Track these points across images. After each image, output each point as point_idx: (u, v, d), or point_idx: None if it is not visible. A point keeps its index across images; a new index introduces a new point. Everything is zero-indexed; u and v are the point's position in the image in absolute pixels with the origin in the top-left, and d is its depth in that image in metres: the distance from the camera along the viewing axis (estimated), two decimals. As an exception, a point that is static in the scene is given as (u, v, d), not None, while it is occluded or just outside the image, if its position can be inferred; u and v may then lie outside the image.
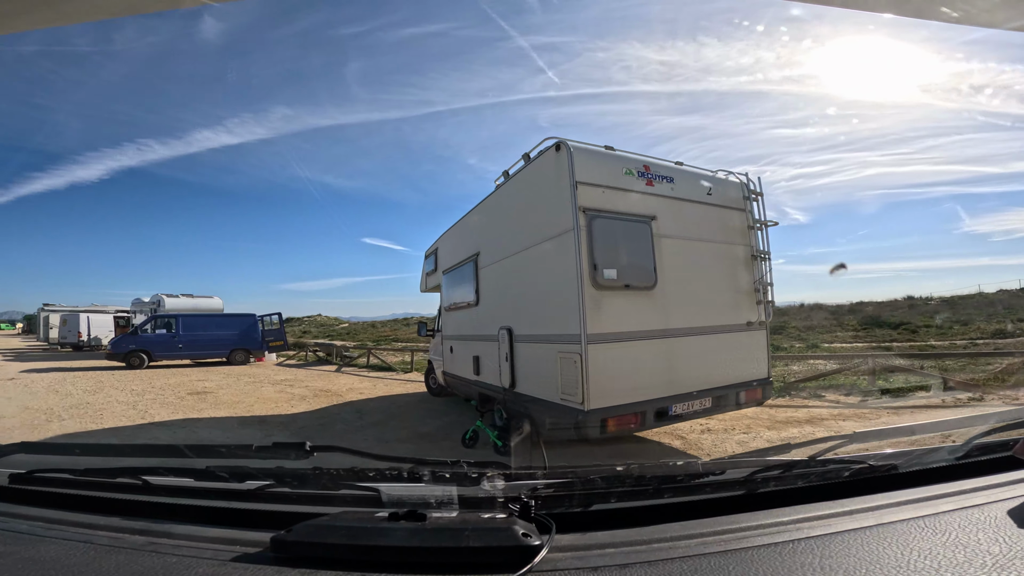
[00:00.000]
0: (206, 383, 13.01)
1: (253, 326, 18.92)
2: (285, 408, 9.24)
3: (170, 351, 17.55)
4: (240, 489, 1.08)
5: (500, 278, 6.35)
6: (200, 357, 18.16)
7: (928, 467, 1.09)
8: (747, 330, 5.90)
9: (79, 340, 26.89)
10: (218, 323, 18.46)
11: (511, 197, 6.11)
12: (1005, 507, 0.89)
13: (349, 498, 1.04)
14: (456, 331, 8.29)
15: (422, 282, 10.60)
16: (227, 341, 18.33)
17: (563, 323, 4.77)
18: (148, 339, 17.34)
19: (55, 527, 0.97)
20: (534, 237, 5.38)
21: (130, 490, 1.11)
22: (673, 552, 0.81)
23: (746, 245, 6.01)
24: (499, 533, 0.83)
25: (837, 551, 0.78)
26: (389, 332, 38.41)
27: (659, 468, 1.09)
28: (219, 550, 0.87)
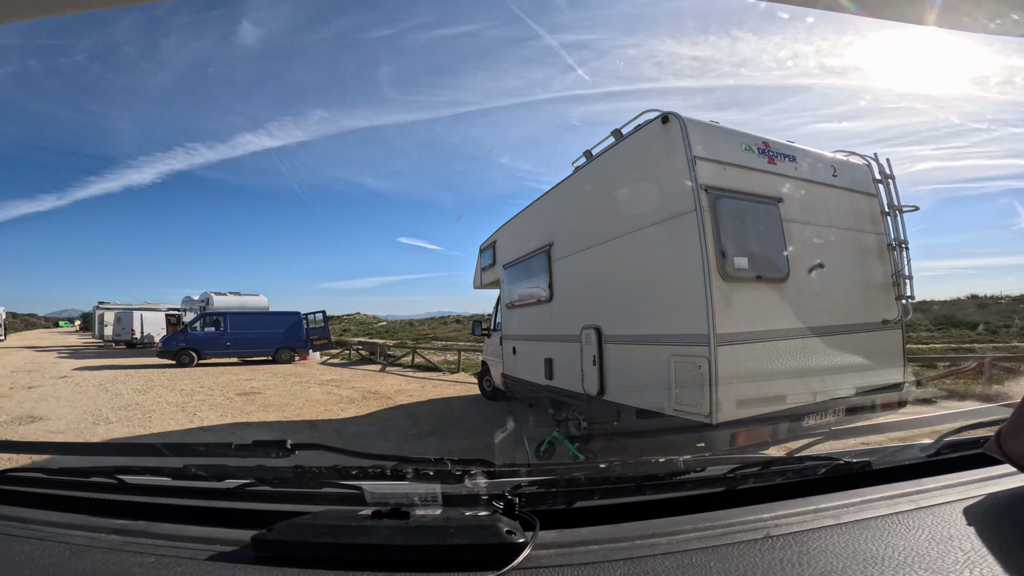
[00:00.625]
0: (253, 383, 12.62)
1: (298, 324, 18.63)
2: (334, 412, 8.63)
3: (218, 349, 17.39)
4: (219, 488, 1.04)
5: (582, 271, 5.50)
6: (247, 355, 17.97)
7: (901, 464, 1.10)
8: (882, 329, 4.97)
9: (132, 337, 27.39)
10: (264, 321, 18.25)
11: (597, 179, 5.26)
12: (975, 503, 0.89)
13: (332, 496, 1.01)
14: (521, 330, 7.48)
15: (476, 278, 9.84)
16: (273, 339, 18.08)
17: (680, 321, 3.91)
18: (197, 337, 17.22)
19: (29, 526, 0.94)
20: (633, 222, 4.52)
21: (105, 489, 1.07)
22: (656, 548, 0.80)
23: (877, 233, 5.12)
24: (483, 531, 0.81)
25: (815, 546, 0.78)
26: (428, 331, 38.06)
27: (641, 465, 1.07)
28: (198, 549, 0.84)
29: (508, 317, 8.01)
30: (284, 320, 18.49)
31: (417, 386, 12.00)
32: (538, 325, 6.66)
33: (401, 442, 6.69)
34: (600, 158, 5.23)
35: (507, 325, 8.08)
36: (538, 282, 6.57)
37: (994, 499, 0.92)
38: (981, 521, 0.84)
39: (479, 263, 9.59)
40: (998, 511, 0.88)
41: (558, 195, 6.15)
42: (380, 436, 7.00)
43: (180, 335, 17.24)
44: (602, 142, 5.35)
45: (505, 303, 8.06)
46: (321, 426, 7.47)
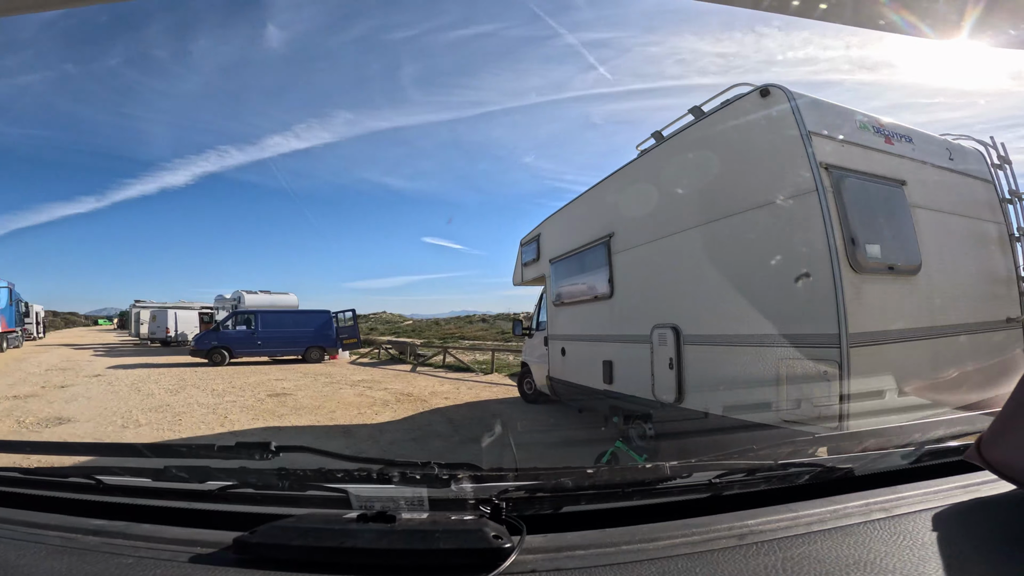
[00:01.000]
0: (284, 383, 12.27)
1: (328, 323, 18.34)
2: (368, 416, 8.14)
3: (249, 348, 17.20)
4: (201, 490, 1.02)
5: (652, 263, 4.84)
6: (277, 354, 17.75)
7: (883, 471, 1.08)
8: (1005, 328, 4.26)
9: (167, 336, 27.63)
10: (295, 320, 18.01)
11: (673, 162, 4.62)
12: (956, 510, 0.90)
13: (316, 499, 0.99)
14: (573, 330, 6.84)
15: (516, 274, 9.24)
16: (303, 338, 17.83)
17: (795, 319, 3.25)
18: (229, 336, 17.05)
19: (3, 526, 0.92)
20: (724, 207, 3.88)
21: (83, 489, 1.04)
22: (642, 554, 0.80)
23: (996, 222, 4.45)
24: (470, 535, 0.80)
25: (799, 552, 0.78)
26: (455, 330, 37.70)
27: (628, 471, 1.11)
28: (178, 551, 0.82)
29: (555, 316, 7.39)
30: (314, 319, 18.23)
31: (451, 388, 11.47)
32: (594, 324, 6.02)
33: (443, 451, 6.14)
34: (676, 139, 4.60)
35: (554, 324, 7.46)
36: (594, 277, 5.93)
37: (974, 506, 0.92)
38: (962, 528, 0.85)
39: (519, 258, 8.99)
40: (978, 518, 0.88)
41: (620, 182, 5.51)
42: (419, 444, 6.46)
43: (212, 334, 17.10)
44: (673, 123, 4.78)
45: (552, 300, 7.44)
46: (356, 432, 6.97)
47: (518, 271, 9.13)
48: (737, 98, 3.89)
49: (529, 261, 8.43)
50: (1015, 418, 0.85)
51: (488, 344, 28.30)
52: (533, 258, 8.24)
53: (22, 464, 1.18)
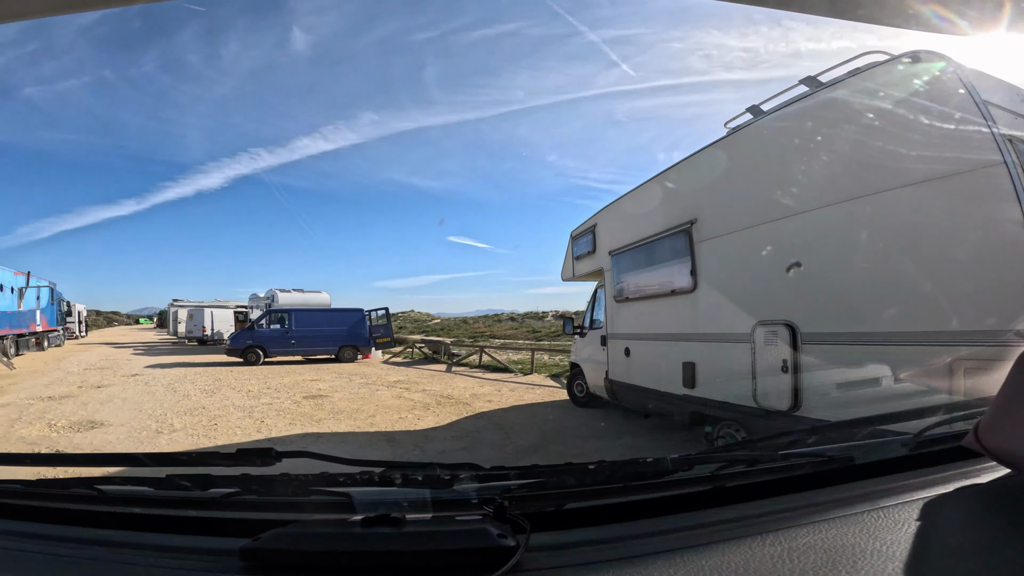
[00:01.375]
0: (319, 384, 11.89)
1: (361, 322, 18.00)
2: (410, 421, 7.60)
3: (283, 347, 16.97)
4: (204, 498, 0.99)
5: (754, 251, 4.13)
6: (311, 353, 17.49)
7: (882, 459, 1.08)
8: None
9: (203, 334, 27.85)
10: (328, 319, 17.72)
11: (784, 136, 3.91)
12: (955, 496, 0.90)
13: (320, 504, 0.98)
14: (640, 328, 6.15)
15: (566, 269, 8.59)
16: (337, 337, 17.52)
17: (982, 312, 2.54)
18: (264, 335, 16.85)
19: (6, 538, 0.90)
20: (869, 183, 3.18)
21: (85, 501, 1.02)
22: (646, 548, 0.79)
23: None
24: (474, 535, 0.78)
25: (803, 542, 0.77)
26: (484, 328, 37.23)
27: (629, 465, 1.04)
28: (184, 559, 0.82)
29: (617, 313, 6.70)
30: (347, 318, 17.90)
31: (491, 390, 10.88)
32: (670, 321, 5.32)
33: (498, 460, 5.50)
34: (786, 111, 3.90)
35: (615, 322, 6.78)
36: (671, 269, 5.23)
37: (973, 492, 0.91)
38: (961, 514, 0.85)
39: (570, 252, 8.33)
40: (977, 504, 0.88)
41: (705, 163, 4.80)
42: (470, 452, 5.87)
43: (247, 333, 16.92)
44: (772, 99, 4.12)
45: (612, 296, 6.76)
46: (400, 439, 6.43)
47: (568, 266, 8.47)
48: (871, 66, 3.32)
49: (582, 254, 7.77)
50: (1012, 404, 0.85)
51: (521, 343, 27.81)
52: (587, 251, 7.57)
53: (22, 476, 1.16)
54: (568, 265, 8.46)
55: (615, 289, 6.66)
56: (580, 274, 8.05)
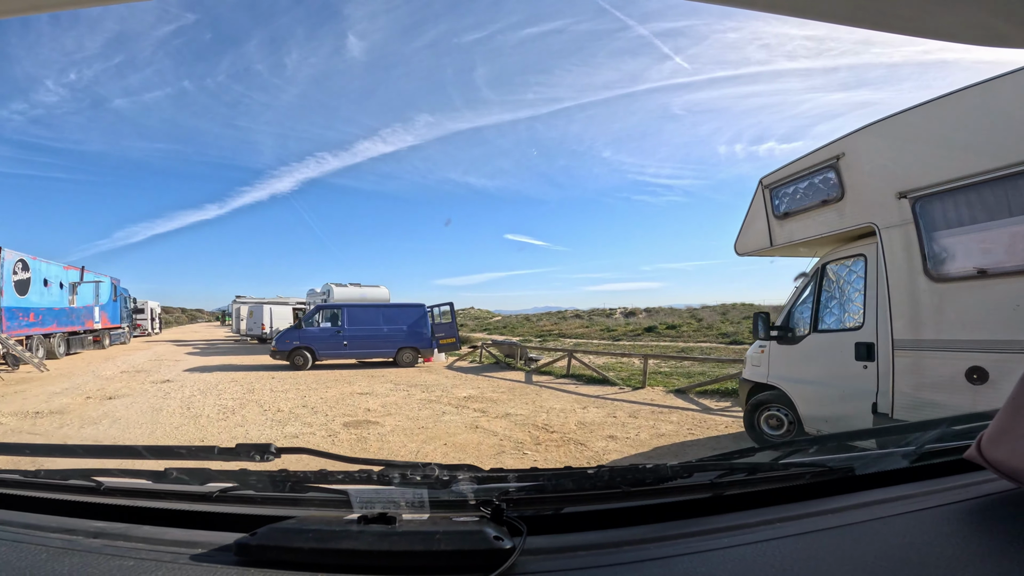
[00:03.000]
0: (369, 401, 9.06)
1: (423, 319, 15.21)
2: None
3: (335, 349, 14.45)
4: (202, 492, 1.00)
5: None
6: (366, 356, 14.89)
7: (883, 470, 1.05)
8: None
9: (262, 332, 26.26)
10: (385, 316, 15.01)
11: None
12: (955, 509, 0.87)
13: (317, 501, 0.97)
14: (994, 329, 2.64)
15: (754, 235, 5.18)
16: (395, 338, 14.81)
17: None
18: (312, 335, 14.38)
19: (4, 528, 0.89)
20: None
21: (84, 492, 1.02)
22: (643, 554, 0.78)
23: None
24: (470, 536, 0.78)
25: (800, 552, 0.76)
26: (550, 326, 33.93)
27: (629, 471, 1.00)
28: (179, 553, 0.80)
29: (935, 301, 3.22)
30: (407, 314, 15.15)
31: (603, 415, 7.59)
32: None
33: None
34: None
35: (926, 318, 3.30)
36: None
37: (975, 505, 0.88)
38: (962, 527, 0.81)
39: (763, 209, 4.91)
40: (979, 517, 0.84)
41: None
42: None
43: (294, 333, 14.50)
44: None
45: (921, 271, 3.28)
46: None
47: (757, 230, 5.07)
48: None
49: (805, 207, 4.35)
50: (1016, 417, 0.83)
51: (596, 343, 24.51)
52: (819, 200, 4.14)
53: (23, 466, 1.13)
54: (758, 229, 5.05)
55: (931, 259, 3.19)
56: (791, 241, 4.64)
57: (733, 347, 19.47)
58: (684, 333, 24.17)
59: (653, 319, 32.12)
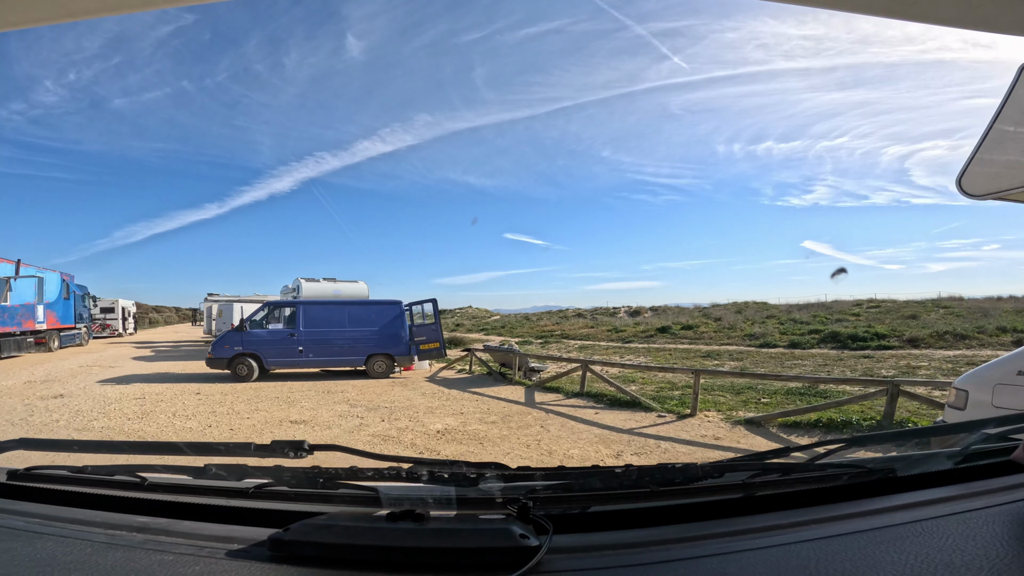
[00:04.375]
0: (303, 431, 6.02)
1: (398, 320, 12.20)
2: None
3: (288, 356, 11.47)
4: (238, 487, 1.02)
5: None
6: (328, 364, 11.91)
7: (926, 471, 1.02)
8: None
9: (233, 333, 23.23)
10: (353, 315, 12.00)
11: None
12: (1004, 512, 0.83)
13: (347, 498, 0.99)
14: None
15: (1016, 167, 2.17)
16: (364, 342, 11.82)
17: None
18: (259, 339, 11.38)
19: (52, 524, 0.92)
20: None
21: (128, 487, 1.05)
22: (671, 555, 0.76)
23: None
24: (497, 534, 0.77)
25: (834, 554, 0.73)
26: (552, 326, 30.95)
27: (657, 470, 0.98)
28: (216, 548, 0.82)
29: None
30: (379, 314, 12.14)
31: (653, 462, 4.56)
32: None
33: None
34: None
35: None
36: None
37: (1020, 508, 0.84)
38: (1010, 530, 0.77)
39: None
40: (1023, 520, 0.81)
41: None
42: None
43: (235, 336, 11.45)
44: None
45: None
46: None
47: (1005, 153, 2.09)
48: None
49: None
50: None
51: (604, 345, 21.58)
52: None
53: (70, 462, 1.14)
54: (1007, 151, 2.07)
55: None
56: None
57: (768, 351, 16.53)
58: (704, 334, 21.22)
59: (662, 319, 29.19)
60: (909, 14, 0.75)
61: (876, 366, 12.50)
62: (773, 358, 15.04)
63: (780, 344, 17.60)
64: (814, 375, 10.17)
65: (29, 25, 0.74)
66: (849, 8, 0.77)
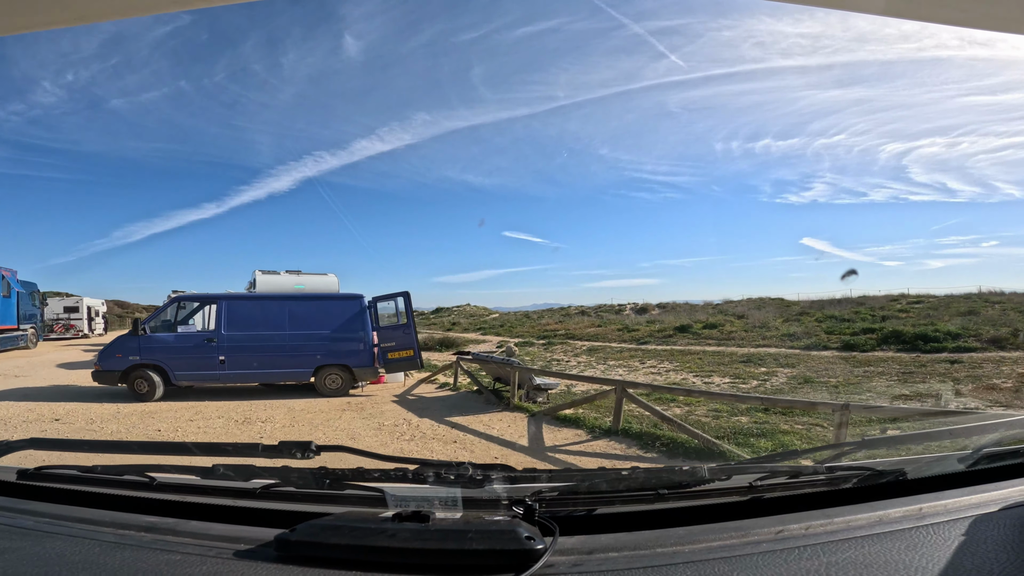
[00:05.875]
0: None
1: (357, 320, 9.01)
2: None
3: (204, 368, 8.34)
4: (245, 488, 1.01)
5: None
6: (262, 379, 8.75)
7: (937, 475, 1.00)
8: None
9: (197, 335, 20.06)
10: (296, 314, 8.82)
11: None
12: (1016, 515, 0.81)
13: (353, 498, 0.98)
14: None
15: None
16: (312, 350, 8.67)
17: None
18: (163, 345, 8.26)
19: (61, 523, 0.91)
20: None
21: (136, 487, 1.04)
22: (677, 557, 0.74)
23: None
24: (502, 535, 0.76)
25: (844, 557, 0.72)
26: (555, 325, 27.80)
27: (664, 472, 1.01)
28: (224, 548, 0.81)
29: None
30: (333, 311, 8.96)
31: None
32: None
33: None
34: None
35: None
36: None
37: None
38: (1021, 533, 0.76)
39: None
40: None
41: None
42: None
43: (131, 342, 8.30)
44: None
45: None
46: None
47: None
48: None
49: None
50: None
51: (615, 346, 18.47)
52: None
53: (79, 462, 1.12)
54: None
55: None
56: None
57: (820, 354, 13.41)
58: (732, 334, 18.08)
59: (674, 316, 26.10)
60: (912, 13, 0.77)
61: (991, 373, 9.36)
62: (834, 363, 11.92)
63: (832, 346, 14.48)
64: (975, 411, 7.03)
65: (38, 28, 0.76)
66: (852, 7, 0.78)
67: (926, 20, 0.76)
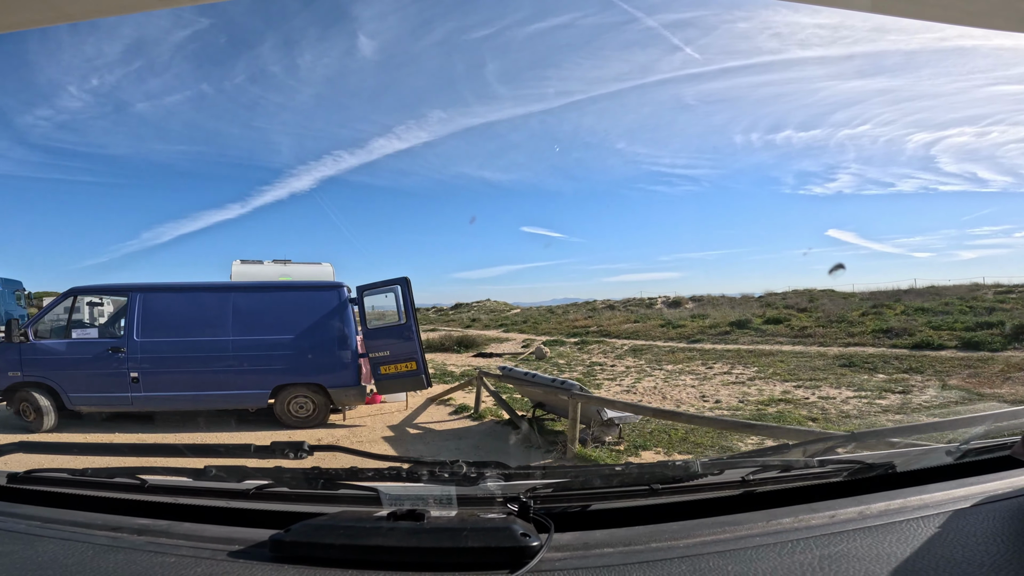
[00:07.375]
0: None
1: (335, 319, 6.25)
2: None
3: (108, 388, 5.76)
4: (239, 489, 0.99)
5: None
6: (192, 404, 6.06)
7: (926, 468, 1.00)
8: None
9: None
10: (244, 311, 6.13)
11: None
12: (1003, 507, 0.81)
13: (348, 498, 0.96)
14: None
15: None
16: (269, 362, 6.00)
17: None
18: (52, 357, 5.67)
19: (53, 526, 0.89)
20: None
21: (128, 489, 1.02)
22: (672, 552, 0.74)
23: None
24: (497, 533, 0.75)
25: (836, 550, 0.71)
26: (584, 320, 24.83)
27: (657, 468, 0.99)
28: (217, 549, 0.80)
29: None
30: (301, 307, 6.22)
31: None
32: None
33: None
34: None
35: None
36: None
37: (1020, 503, 0.83)
38: (1009, 525, 0.76)
39: None
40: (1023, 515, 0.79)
41: None
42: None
43: (8, 352, 5.76)
44: None
45: None
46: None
47: None
48: None
49: None
50: None
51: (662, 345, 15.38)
52: None
53: (70, 465, 1.10)
54: None
55: None
56: None
57: (936, 354, 10.23)
58: (804, 330, 14.94)
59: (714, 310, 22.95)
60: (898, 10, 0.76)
61: None
62: (975, 366, 8.79)
63: (948, 344, 11.29)
64: None
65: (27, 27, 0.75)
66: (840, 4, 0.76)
67: (912, 17, 0.77)
